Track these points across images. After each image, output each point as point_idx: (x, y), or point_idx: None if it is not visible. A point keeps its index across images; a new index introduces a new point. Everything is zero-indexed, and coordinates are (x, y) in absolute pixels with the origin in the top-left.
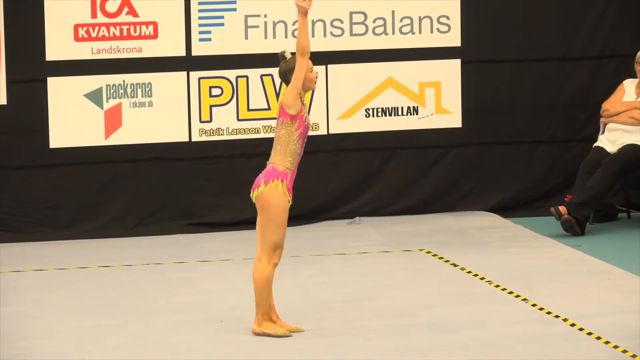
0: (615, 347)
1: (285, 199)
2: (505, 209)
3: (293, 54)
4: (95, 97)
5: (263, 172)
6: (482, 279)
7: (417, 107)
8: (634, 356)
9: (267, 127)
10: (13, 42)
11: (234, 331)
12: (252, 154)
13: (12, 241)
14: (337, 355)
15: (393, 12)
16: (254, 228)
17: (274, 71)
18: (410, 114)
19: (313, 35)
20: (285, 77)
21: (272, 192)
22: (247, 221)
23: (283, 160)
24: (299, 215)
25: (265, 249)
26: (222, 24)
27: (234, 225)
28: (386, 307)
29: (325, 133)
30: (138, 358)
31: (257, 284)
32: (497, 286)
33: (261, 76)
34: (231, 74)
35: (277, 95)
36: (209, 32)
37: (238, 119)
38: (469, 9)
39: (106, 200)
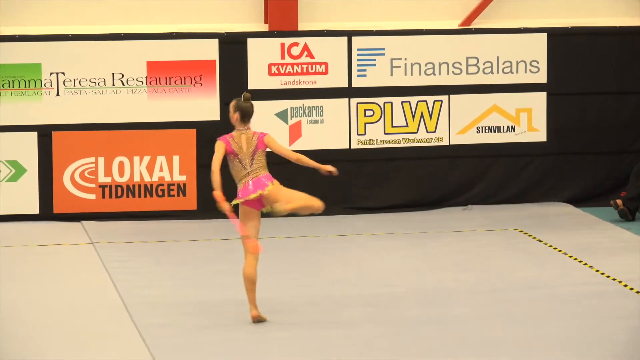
0: None
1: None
2: (577, 201)
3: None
4: (282, 115)
5: (258, 179)
6: (560, 251)
7: (514, 126)
8: None
9: (405, 139)
10: (225, 74)
11: (380, 286)
12: (394, 158)
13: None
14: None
15: (498, 57)
16: (396, 211)
17: (412, 99)
18: (509, 131)
19: (439, 73)
20: (250, 115)
21: (278, 190)
22: (390, 206)
23: (267, 171)
24: (428, 202)
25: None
26: (374, 65)
27: (380, 209)
28: (491, 269)
29: (447, 144)
30: (298, 299)
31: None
32: (570, 256)
33: (402, 102)
34: (380, 100)
35: (413, 116)
36: (365, 70)
37: (384, 133)
38: (553, 57)
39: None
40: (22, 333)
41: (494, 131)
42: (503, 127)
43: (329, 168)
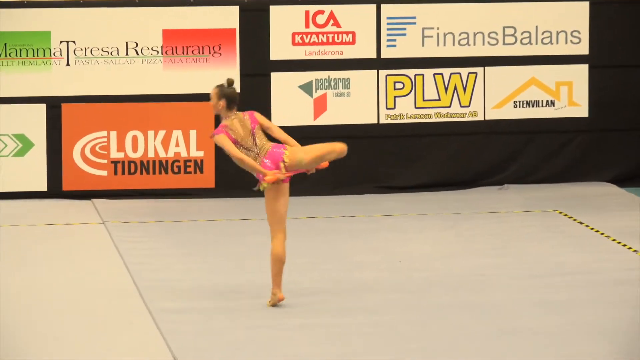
0: None
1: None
2: (621, 181)
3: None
4: (306, 88)
5: (273, 151)
6: (602, 234)
7: (554, 100)
8: None
9: (437, 114)
10: (246, 44)
11: (410, 270)
12: (425, 134)
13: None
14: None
15: (536, 27)
16: (427, 191)
17: (444, 71)
18: (548, 106)
19: (474, 43)
20: (237, 101)
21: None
22: (421, 185)
23: (272, 143)
24: (461, 181)
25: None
26: (405, 34)
27: (410, 188)
28: (528, 253)
29: (482, 119)
30: (330, 285)
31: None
32: (613, 240)
33: (434, 74)
34: (411, 72)
35: (446, 89)
36: (395, 40)
37: (415, 107)
38: (595, 27)
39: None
40: (28, 318)
41: (532, 106)
42: (542, 101)
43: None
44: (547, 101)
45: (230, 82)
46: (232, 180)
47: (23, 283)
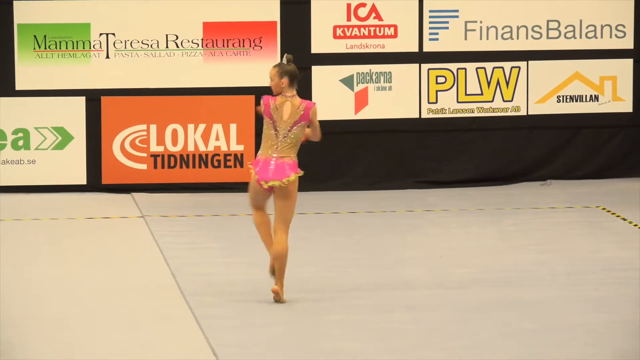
0: None
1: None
2: None
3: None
4: (348, 82)
5: (282, 164)
6: None
7: (598, 95)
8: None
9: (479, 108)
10: (287, 37)
11: (451, 266)
12: (467, 129)
13: None
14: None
15: (581, 20)
16: (469, 186)
17: (487, 65)
18: (592, 101)
19: (517, 37)
20: (298, 78)
21: (296, 182)
22: (463, 180)
23: (295, 154)
24: (503, 177)
25: (287, 227)
26: (447, 28)
27: (451, 183)
28: (570, 250)
29: (525, 114)
30: (369, 281)
31: (285, 257)
32: None
33: (476, 69)
34: (453, 66)
35: (489, 83)
36: (437, 34)
37: (457, 101)
38: None
39: (353, 161)
40: (67, 312)
41: (576, 100)
42: (585, 96)
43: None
44: (591, 96)
45: (289, 59)
46: None
47: (62, 277)
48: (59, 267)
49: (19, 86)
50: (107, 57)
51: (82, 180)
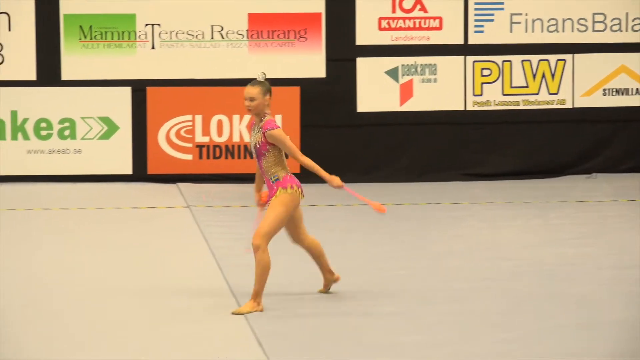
0: None
1: (295, 198)
2: None
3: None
4: (392, 74)
5: (274, 185)
6: None
7: None
8: None
9: (525, 101)
10: (332, 29)
11: (494, 259)
12: (513, 122)
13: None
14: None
15: (627, 13)
16: (514, 179)
17: (533, 57)
18: (638, 94)
19: (563, 30)
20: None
21: (286, 196)
22: (508, 173)
23: (283, 170)
24: (548, 170)
25: (269, 238)
26: (493, 20)
27: (496, 176)
28: (616, 244)
29: (571, 107)
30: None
31: (266, 269)
32: None
33: (522, 61)
34: (498, 58)
35: (534, 76)
36: (482, 26)
37: (503, 94)
38: None
39: (398, 153)
40: (113, 301)
41: (622, 94)
42: (632, 89)
43: (372, 204)
44: (637, 89)
45: (264, 76)
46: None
47: (108, 266)
48: (104, 255)
49: (65, 76)
50: (153, 47)
51: (128, 170)
